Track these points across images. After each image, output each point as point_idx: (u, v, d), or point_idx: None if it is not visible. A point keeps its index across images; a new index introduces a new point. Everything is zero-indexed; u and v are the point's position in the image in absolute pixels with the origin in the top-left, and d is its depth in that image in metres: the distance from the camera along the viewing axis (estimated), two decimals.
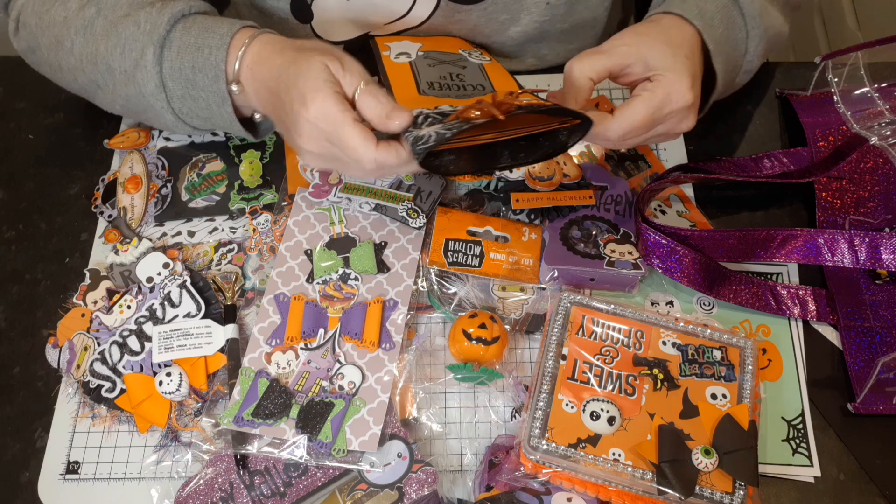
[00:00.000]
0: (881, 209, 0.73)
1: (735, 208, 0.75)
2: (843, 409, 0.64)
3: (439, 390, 0.65)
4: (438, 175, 0.72)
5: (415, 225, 0.70)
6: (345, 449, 0.60)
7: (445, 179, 0.72)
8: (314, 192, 0.72)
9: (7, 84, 0.85)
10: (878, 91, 0.73)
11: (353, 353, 0.65)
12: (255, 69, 0.63)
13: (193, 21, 0.65)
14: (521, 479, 0.58)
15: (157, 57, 0.64)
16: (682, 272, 0.66)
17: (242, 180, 0.75)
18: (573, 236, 0.68)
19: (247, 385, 0.62)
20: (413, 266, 0.69)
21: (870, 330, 0.67)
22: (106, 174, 0.77)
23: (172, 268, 0.69)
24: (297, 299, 0.67)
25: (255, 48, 0.63)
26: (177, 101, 0.67)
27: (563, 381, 0.61)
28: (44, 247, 0.74)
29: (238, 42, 0.63)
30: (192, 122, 0.69)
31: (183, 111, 0.68)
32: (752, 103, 0.81)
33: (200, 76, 0.64)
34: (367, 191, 0.71)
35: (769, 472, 0.62)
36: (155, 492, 0.61)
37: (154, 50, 0.64)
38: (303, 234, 0.70)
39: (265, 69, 0.62)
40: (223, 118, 0.67)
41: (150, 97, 0.67)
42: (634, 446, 0.58)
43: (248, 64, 0.63)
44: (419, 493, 0.59)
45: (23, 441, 0.65)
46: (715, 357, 0.62)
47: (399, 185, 0.71)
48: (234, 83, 0.64)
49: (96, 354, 0.66)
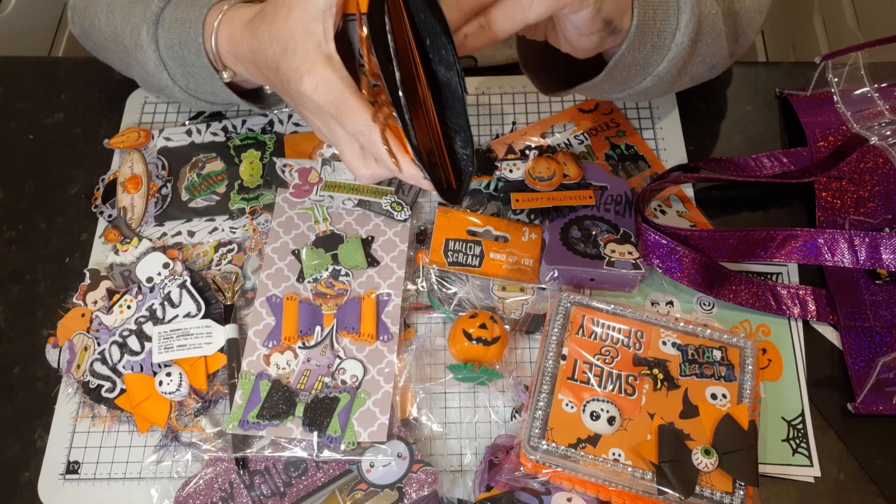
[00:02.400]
0: (881, 209, 0.73)
1: (735, 208, 0.75)
2: (843, 409, 0.64)
3: (439, 390, 0.65)
4: None
5: (400, 217, 0.70)
6: (355, 441, 0.60)
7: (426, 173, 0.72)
8: (295, 193, 0.72)
9: (7, 84, 0.85)
10: (878, 91, 0.73)
11: (352, 347, 0.65)
12: (234, 50, 0.61)
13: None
14: (521, 479, 0.58)
15: (153, 35, 0.64)
16: (682, 272, 0.66)
17: (242, 180, 0.75)
18: (573, 236, 0.68)
19: (248, 389, 0.63)
20: (402, 258, 0.69)
21: (870, 330, 0.67)
22: (106, 174, 0.77)
23: (172, 268, 0.69)
24: (290, 299, 0.67)
25: (224, 31, 0.61)
26: (180, 78, 0.67)
27: (563, 381, 0.61)
28: (44, 247, 0.74)
29: (212, 18, 0.62)
30: (204, 98, 0.69)
31: (190, 88, 0.68)
32: (752, 103, 0.81)
33: (187, 52, 0.64)
34: (348, 188, 0.71)
35: (769, 472, 0.62)
36: (155, 492, 0.61)
37: (147, 28, 0.64)
38: (288, 235, 0.70)
39: (242, 50, 0.60)
40: (224, 93, 0.66)
41: (154, 77, 0.67)
42: (634, 446, 0.58)
43: (225, 47, 0.62)
44: (419, 493, 0.59)
45: (23, 441, 0.65)
46: (715, 357, 0.62)
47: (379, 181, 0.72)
48: (224, 69, 0.63)
49: (96, 354, 0.66)
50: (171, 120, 0.80)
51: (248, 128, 0.79)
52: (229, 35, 0.61)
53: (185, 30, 0.63)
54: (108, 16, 0.68)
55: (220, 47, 0.62)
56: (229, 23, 0.61)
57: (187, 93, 0.68)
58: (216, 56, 0.63)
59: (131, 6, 0.67)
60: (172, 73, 0.66)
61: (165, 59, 0.65)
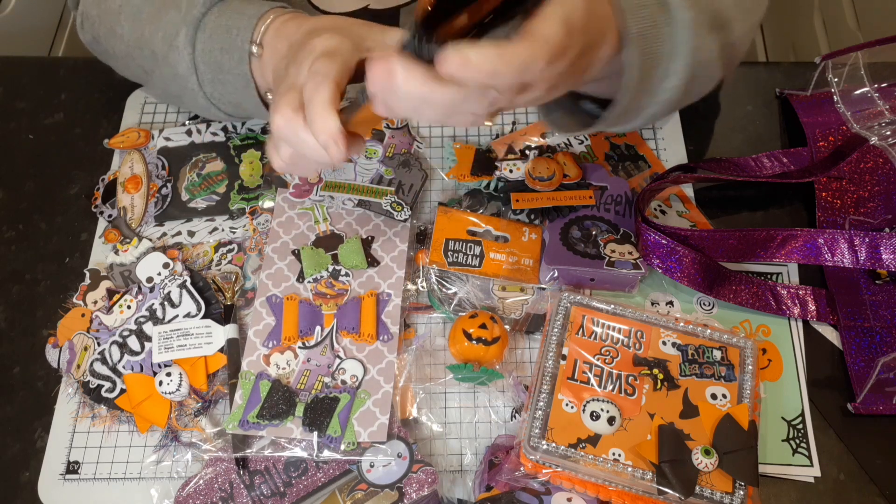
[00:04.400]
0: (881, 209, 0.73)
1: (735, 208, 0.75)
2: (843, 409, 0.64)
3: (439, 390, 0.65)
4: None
5: (400, 217, 0.70)
6: (355, 441, 0.60)
7: (425, 172, 0.72)
8: (295, 193, 0.72)
9: (7, 84, 0.85)
10: (878, 91, 0.73)
11: (352, 347, 0.65)
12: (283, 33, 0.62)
13: (229, 5, 0.65)
14: (521, 479, 0.58)
15: (190, 38, 0.65)
16: (682, 272, 0.66)
17: (242, 180, 0.75)
18: (573, 236, 0.68)
19: (248, 389, 0.63)
20: (402, 258, 0.69)
21: (870, 330, 0.67)
22: (106, 174, 0.77)
23: (172, 268, 0.69)
24: (290, 299, 0.67)
25: (282, 18, 0.62)
26: (207, 84, 0.67)
27: (563, 381, 0.61)
28: (44, 247, 0.74)
29: (259, 27, 0.63)
30: (225, 109, 0.70)
31: (214, 96, 0.68)
32: (752, 103, 0.81)
33: (227, 58, 0.64)
34: (348, 188, 0.71)
35: (769, 472, 0.62)
36: (155, 492, 0.61)
37: (187, 31, 0.65)
38: (288, 235, 0.70)
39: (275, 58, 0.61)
40: (250, 103, 0.67)
41: (182, 79, 0.67)
42: (634, 446, 0.58)
43: (274, 31, 0.62)
44: (419, 493, 0.59)
45: (23, 441, 0.65)
46: (715, 357, 0.62)
47: (380, 180, 0.72)
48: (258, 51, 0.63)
49: (96, 354, 0.66)
50: (171, 120, 0.80)
51: (248, 128, 0.79)
52: (286, 21, 0.62)
53: (232, 37, 0.64)
54: (134, 22, 0.68)
55: (269, 30, 0.63)
56: (274, 34, 0.62)
57: (209, 100, 0.69)
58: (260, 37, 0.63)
59: (161, 11, 0.67)
60: (202, 79, 0.67)
61: (198, 64, 0.66)
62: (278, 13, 0.64)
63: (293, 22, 0.62)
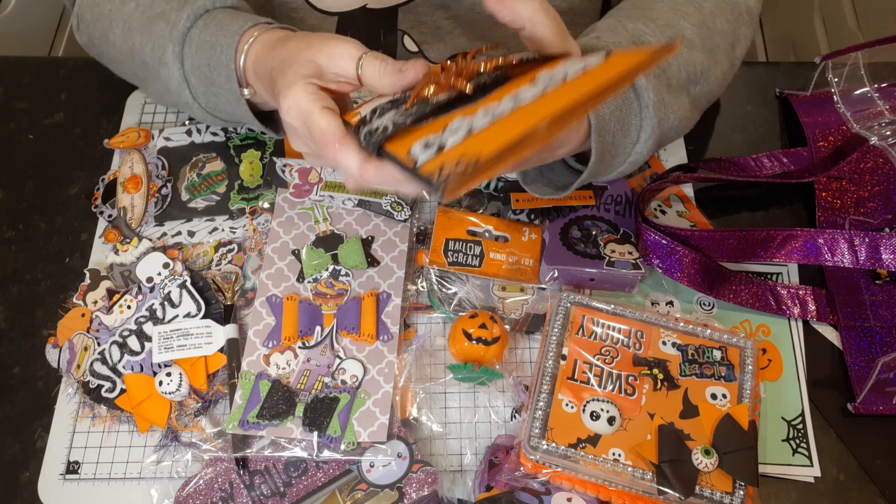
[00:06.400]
0: (881, 209, 0.73)
1: (735, 208, 0.75)
2: (843, 409, 0.64)
3: (439, 390, 0.65)
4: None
5: (400, 218, 0.70)
6: (355, 441, 0.60)
7: None
8: (295, 193, 0.72)
9: (7, 84, 0.85)
10: (878, 91, 0.73)
11: (352, 347, 0.65)
12: (257, 70, 0.62)
13: (213, 17, 0.64)
14: (521, 479, 0.58)
15: (178, 55, 0.65)
16: (682, 272, 0.66)
17: (242, 180, 0.75)
18: (573, 236, 0.68)
19: (248, 389, 0.63)
20: (402, 258, 0.69)
21: (870, 330, 0.67)
22: (106, 174, 0.77)
23: (172, 268, 0.69)
24: (290, 299, 0.67)
25: (253, 51, 0.62)
26: (201, 97, 0.67)
27: (563, 381, 0.61)
28: (44, 247, 0.74)
29: (244, 42, 0.62)
30: (222, 117, 0.70)
31: (209, 106, 0.68)
32: (752, 103, 0.81)
33: (216, 74, 0.64)
34: None
35: (769, 472, 0.62)
36: (155, 492, 0.61)
37: (173, 48, 0.64)
38: (288, 235, 0.70)
39: (262, 70, 0.61)
40: (245, 116, 0.67)
41: (176, 94, 0.67)
42: (634, 446, 0.58)
43: (251, 66, 0.63)
44: (419, 493, 0.59)
45: (23, 441, 0.65)
46: (715, 357, 0.62)
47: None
48: (246, 86, 0.64)
49: (96, 354, 0.66)
50: (171, 120, 0.80)
51: (247, 128, 0.79)
52: (256, 55, 0.62)
53: (216, 54, 0.63)
54: (125, 32, 0.68)
55: (247, 67, 0.63)
56: (258, 44, 0.62)
57: (206, 110, 0.69)
58: (242, 76, 0.63)
59: (151, 23, 0.66)
60: (195, 92, 0.67)
61: (190, 78, 0.66)
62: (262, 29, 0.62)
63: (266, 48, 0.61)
